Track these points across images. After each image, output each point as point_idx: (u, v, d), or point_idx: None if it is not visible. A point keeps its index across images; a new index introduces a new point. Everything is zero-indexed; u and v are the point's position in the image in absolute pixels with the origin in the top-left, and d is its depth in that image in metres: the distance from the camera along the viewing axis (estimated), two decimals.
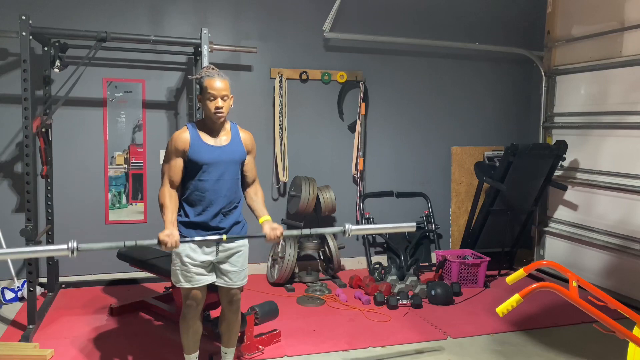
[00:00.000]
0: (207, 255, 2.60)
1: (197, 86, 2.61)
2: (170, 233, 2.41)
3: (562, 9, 4.97)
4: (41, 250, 2.66)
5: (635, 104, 4.23)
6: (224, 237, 2.54)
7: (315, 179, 4.64)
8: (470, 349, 3.35)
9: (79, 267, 4.43)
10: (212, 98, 2.52)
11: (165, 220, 2.49)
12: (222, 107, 2.53)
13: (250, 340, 3.14)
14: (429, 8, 5.18)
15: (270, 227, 2.60)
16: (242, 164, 2.68)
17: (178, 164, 2.56)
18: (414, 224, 2.87)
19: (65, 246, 2.22)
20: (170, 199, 2.54)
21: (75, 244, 2.24)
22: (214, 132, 2.61)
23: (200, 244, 2.58)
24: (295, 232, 2.72)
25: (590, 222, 4.64)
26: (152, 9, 4.46)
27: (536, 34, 5.34)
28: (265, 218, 2.66)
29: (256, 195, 2.74)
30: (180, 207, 2.60)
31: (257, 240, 4.59)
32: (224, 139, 2.62)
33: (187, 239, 2.52)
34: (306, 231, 2.73)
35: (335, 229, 2.76)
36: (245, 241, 2.72)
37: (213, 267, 2.65)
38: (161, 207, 2.54)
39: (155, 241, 2.39)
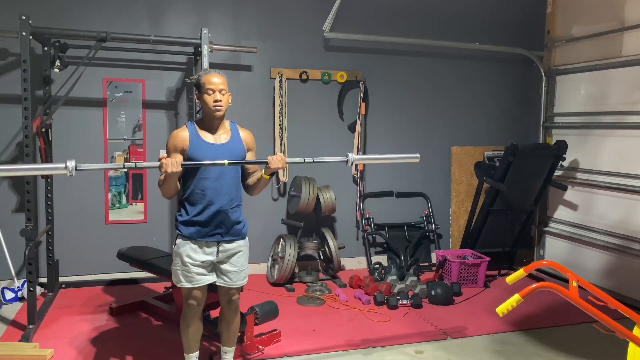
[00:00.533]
0: (207, 255, 2.61)
1: (195, 88, 2.62)
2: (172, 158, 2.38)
3: (562, 9, 4.96)
4: (38, 168, 2.59)
5: (635, 104, 4.22)
6: (226, 162, 2.46)
7: (315, 179, 4.65)
8: (470, 349, 3.35)
9: (79, 267, 4.43)
10: (210, 92, 2.53)
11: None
12: (220, 100, 2.54)
13: (250, 340, 3.14)
14: (429, 8, 5.18)
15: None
16: None
17: (178, 159, 2.55)
18: (418, 154, 2.87)
19: (62, 165, 2.20)
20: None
21: (73, 163, 2.21)
22: (213, 130, 2.61)
23: (201, 244, 2.58)
24: (297, 159, 2.70)
25: (590, 222, 4.64)
26: (152, 9, 4.46)
27: (536, 34, 5.34)
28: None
29: (255, 175, 2.69)
30: (181, 206, 2.61)
31: (258, 240, 4.65)
32: (223, 137, 2.62)
33: (180, 257, 2.54)
34: (309, 159, 2.69)
35: (338, 158, 2.75)
36: (246, 241, 2.72)
37: (213, 266, 2.66)
38: (160, 183, 2.50)
39: (157, 163, 2.37)
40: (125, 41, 3.99)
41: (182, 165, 2.41)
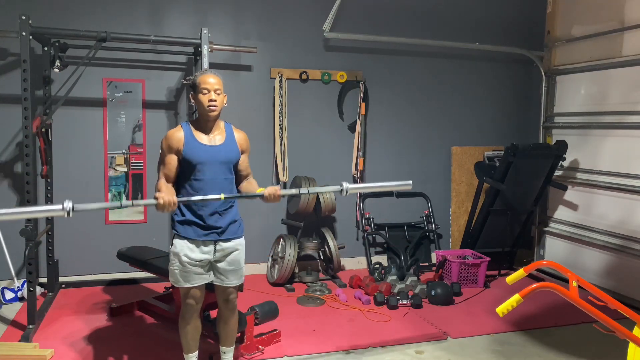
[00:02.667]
0: (204, 254, 2.61)
1: (190, 88, 2.63)
2: (167, 192, 2.42)
3: (562, 9, 4.96)
4: (36, 211, 2.63)
5: (635, 104, 4.22)
6: (222, 196, 2.46)
7: (315, 179, 4.64)
8: (470, 349, 3.35)
9: (79, 267, 4.43)
10: (205, 91, 2.55)
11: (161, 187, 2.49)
12: (215, 100, 2.55)
13: (250, 340, 3.14)
14: (430, 8, 5.18)
15: (268, 188, 2.58)
16: (237, 163, 2.69)
17: (172, 160, 2.57)
18: (410, 182, 2.94)
19: (60, 206, 2.20)
20: (166, 185, 2.55)
21: (70, 204, 2.21)
22: (208, 130, 2.62)
23: (198, 243, 2.59)
24: (293, 191, 2.73)
25: (590, 222, 4.64)
26: (152, 9, 4.46)
27: (536, 34, 5.34)
28: (261, 189, 2.63)
29: (250, 183, 2.73)
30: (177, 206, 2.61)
31: (257, 240, 4.65)
32: (218, 138, 2.64)
33: (178, 258, 2.54)
34: (304, 190, 2.73)
35: (333, 188, 2.71)
36: (242, 240, 2.73)
37: (211, 266, 2.66)
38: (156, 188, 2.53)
39: (153, 200, 2.37)
40: (125, 41, 3.99)
41: (179, 201, 2.45)
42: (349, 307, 4.05)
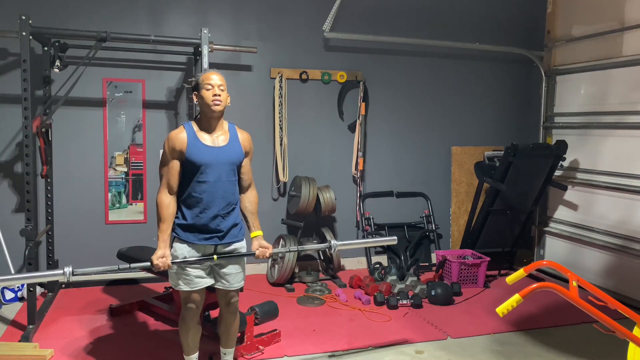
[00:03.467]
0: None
1: (193, 89, 2.59)
2: (163, 254, 2.47)
3: (562, 9, 4.96)
4: (37, 276, 2.86)
5: (635, 104, 4.22)
6: (215, 257, 2.56)
7: (315, 179, 4.64)
8: (470, 349, 3.35)
9: (79, 267, 4.40)
10: (209, 87, 2.50)
11: (159, 236, 2.51)
12: (219, 96, 2.50)
13: (250, 340, 3.14)
14: (429, 8, 5.18)
15: (260, 244, 2.67)
16: (240, 165, 2.66)
17: (175, 165, 2.52)
18: (395, 237, 3.14)
19: (61, 271, 2.42)
20: (168, 209, 2.52)
21: (70, 269, 2.43)
22: (211, 130, 2.57)
23: (199, 247, 2.57)
24: (282, 250, 2.90)
25: (590, 222, 4.64)
26: (152, 9, 4.46)
27: (536, 34, 5.34)
28: (257, 233, 2.70)
29: (251, 204, 2.74)
30: (178, 209, 2.58)
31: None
32: (221, 139, 2.59)
33: (177, 260, 2.55)
34: (293, 249, 3.06)
35: (322, 246, 3.01)
36: (244, 243, 2.71)
37: (211, 269, 2.64)
38: (158, 217, 2.54)
39: (149, 264, 2.48)
40: (125, 41, 3.98)
41: (172, 263, 2.51)
42: (349, 307, 4.05)
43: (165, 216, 2.52)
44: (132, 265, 2.53)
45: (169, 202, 2.53)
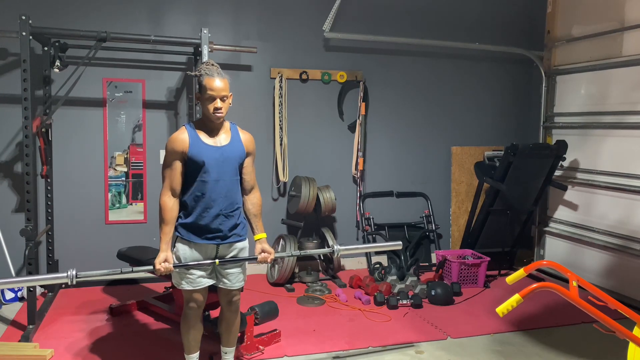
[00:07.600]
0: (207, 258, 2.60)
1: (197, 85, 2.57)
2: (165, 258, 2.49)
3: (562, 9, 4.96)
4: (41, 279, 2.85)
5: (635, 104, 4.22)
6: (217, 262, 2.57)
7: (315, 179, 4.64)
8: (470, 349, 3.35)
9: (79, 267, 4.38)
10: (211, 98, 2.49)
11: (161, 238, 2.51)
12: (221, 108, 2.50)
13: (250, 340, 3.14)
14: (429, 8, 5.18)
15: (263, 248, 2.67)
16: (242, 165, 2.66)
17: (178, 167, 2.52)
18: (400, 242, 3.16)
19: (65, 274, 2.42)
20: (171, 212, 2.53)
21: (74, 272, 2.42)
22: (213, 131, 2.58)
23: (201, 247, 2.58)
24: (285, 254, 2.93)
25: (590, 222, 4.64)
26: (152, 9, 4.46)
27: (536, 34, 5.34)
28: (260, 236, 2.70)
29: (254, 206, 2.73)
30: (181, 208, 2.58)
31: None
32: (223, 138, 2.59)
33: (179, 263, 2.55)
34: (296, 253, 3.14)
35: (324, 250, 3.14)
36: (245, 243, 2.71)
37: (213, 269, 2.65)
38: (160, 219, 2.54)
39: (151, 267, 2.50)
40: (125, 41, 3.98)
41: (174, 266, 2.53)
42: (349, 307, 4.05)
43: (168, 219, 2.52)
44: (135, 268, 2.56)
45: (172, 205, 2.53)
